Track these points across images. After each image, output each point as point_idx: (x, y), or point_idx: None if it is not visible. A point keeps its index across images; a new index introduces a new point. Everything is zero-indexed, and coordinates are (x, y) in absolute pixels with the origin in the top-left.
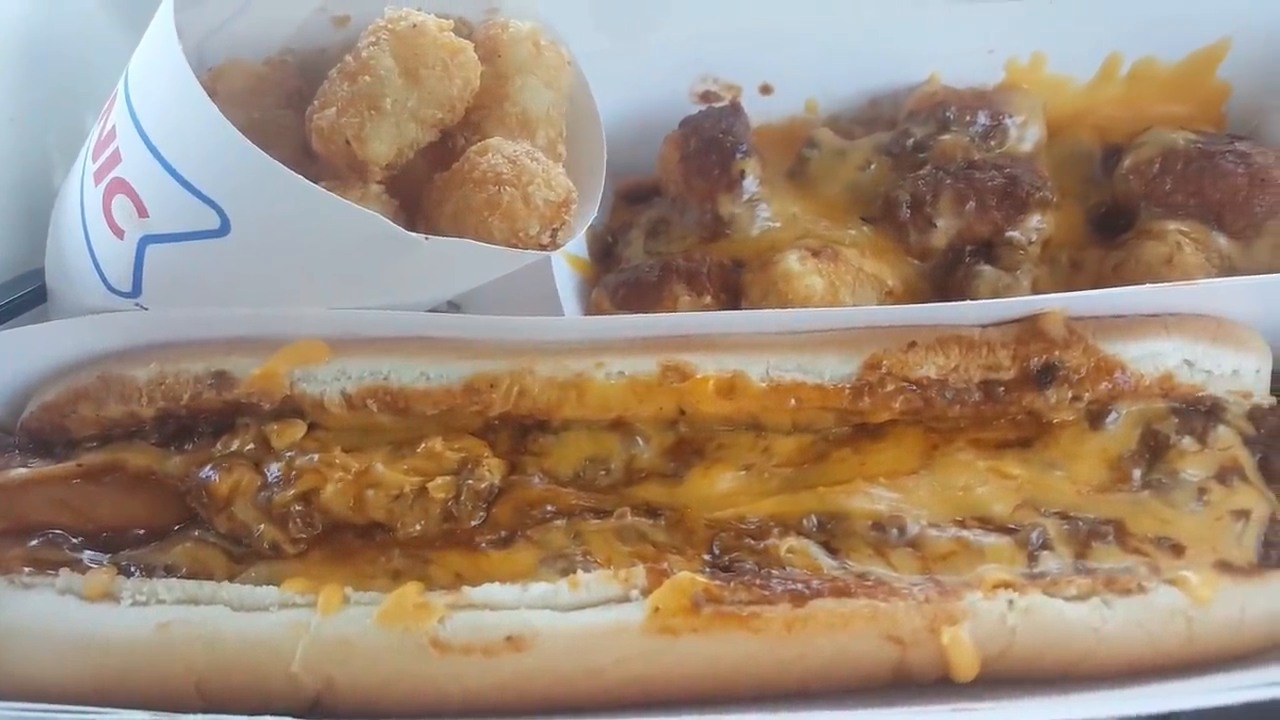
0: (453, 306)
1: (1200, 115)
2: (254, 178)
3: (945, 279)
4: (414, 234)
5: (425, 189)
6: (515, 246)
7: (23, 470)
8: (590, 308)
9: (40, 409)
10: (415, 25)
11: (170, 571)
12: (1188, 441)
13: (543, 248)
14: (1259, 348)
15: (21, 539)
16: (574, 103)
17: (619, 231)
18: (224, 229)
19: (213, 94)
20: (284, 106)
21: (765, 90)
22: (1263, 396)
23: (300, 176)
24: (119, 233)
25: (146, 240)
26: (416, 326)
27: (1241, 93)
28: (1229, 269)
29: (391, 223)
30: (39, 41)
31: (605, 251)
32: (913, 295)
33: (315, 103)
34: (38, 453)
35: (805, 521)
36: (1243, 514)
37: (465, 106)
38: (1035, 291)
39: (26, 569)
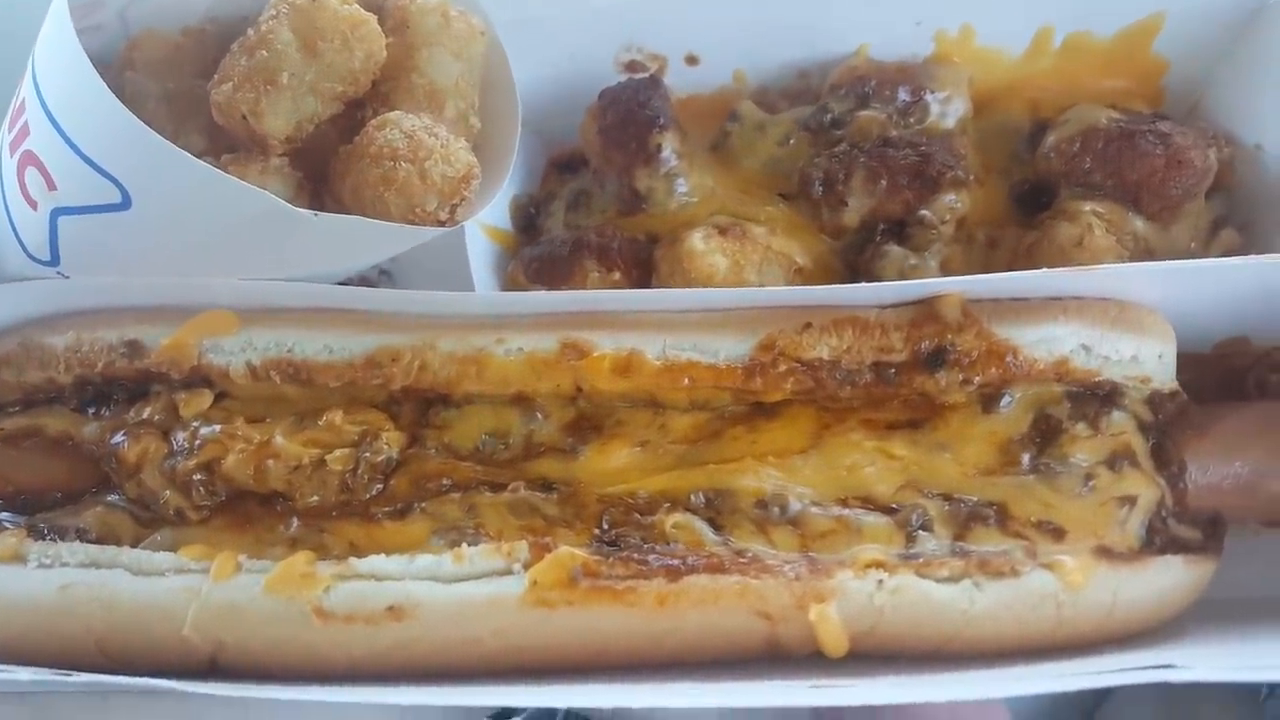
0: (384, 274)
1: (1137, 90)
2: (147, 155)
3: (857, 257)
4: (303, 211)
5: (331, 160)
6: (412, 222)
7: None
8: (506, 280)
9: None
10: None
11: (81, 535)
12: (1080, 426)
13: (441, 224)
14: (1161, 332)
15: None
16: (489, 73)
17: (542, 202)
18: (125, 203)
19: (129, 64)
20: (201, 76)
21: (691, 61)
22: (1163, 382)
23: (187, 154)
24: (33, 204)
25: (58, 212)
26: (328, 298)
27: (1179, 67)
28: (1145, 251)
29: (278, 199)
30: None
31: (528, 222)
32: (825, 273)
33: (215, 76)
34: None
35: (693, 498)
36: (1129, 500)
37: (370, 78)
38: (945, 271)
39: None
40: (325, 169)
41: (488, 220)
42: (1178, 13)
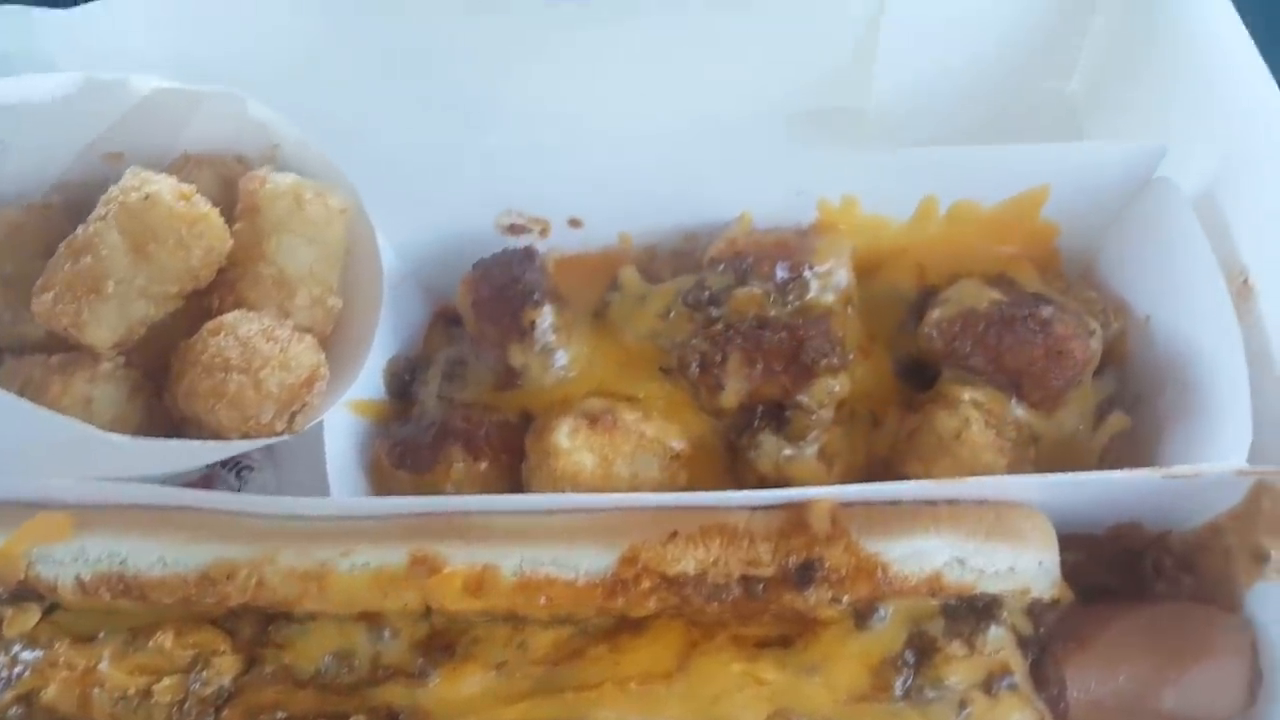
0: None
1: (1029, 253)
2: None
3: (738, 439)
4: (114, 437)
5: (172, 354)
6: (246, 435)
7: None
8: (371, 462)
9: None
10: (148, 196)
11: None
12: (956, 645)
13: (278, 434)
14: (1041, 537)
15: None
16: (354, 246)
17: (419, 367)
18: None
19: None
20: (44, 257)
21: (575, 223)
22: (1044, 589)
23: None
24: None
25: None
26: (171, 498)
27: (1070, 231)
28: (1029, 439)
29: (87, 426)
30: None
31: (402, 389)
32: (705, 455)
33: (40, 280)
34: None
35: None
36: None
37: (213, 271)
38: (824, 458)
39: None
40: (168, 362)
41: (355, 394)
42: (1064, 184)
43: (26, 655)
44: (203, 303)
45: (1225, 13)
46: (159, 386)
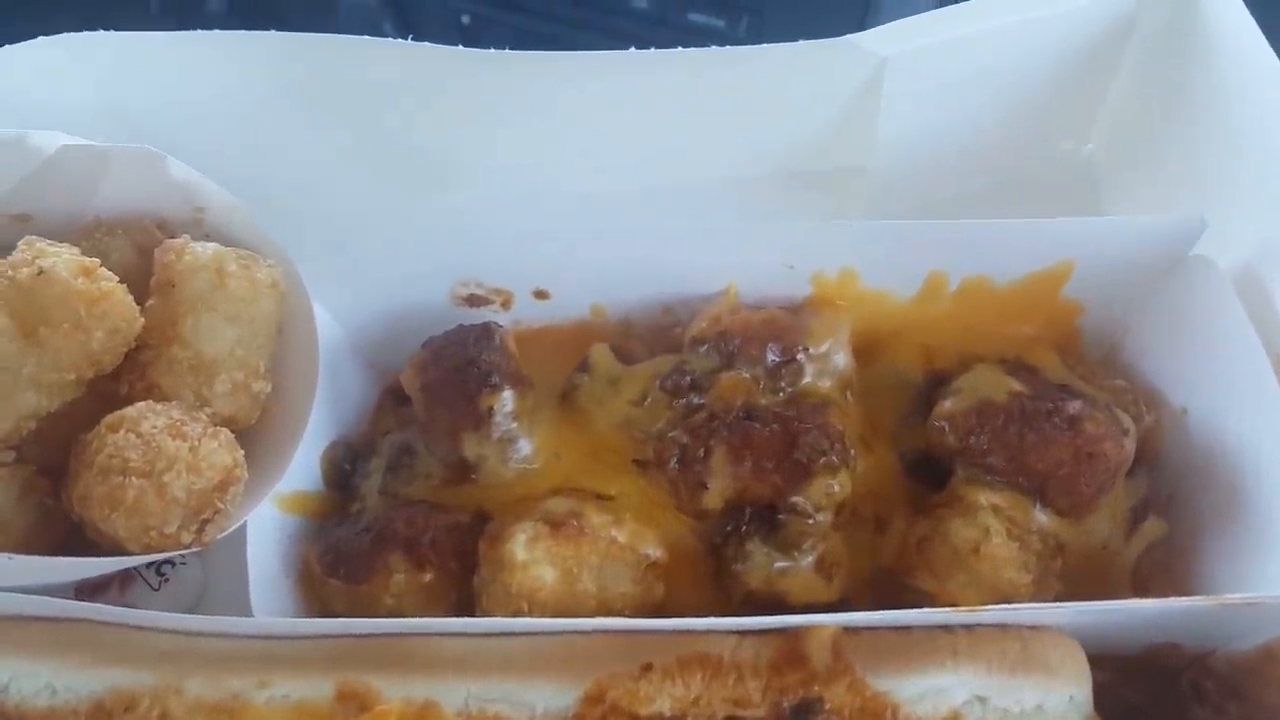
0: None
1: (1048, 335)
2: None
3: (723, 546)
4: None
5: (72, 448)
6: (148, 547)
7: None
8: (301, 567)
9: None
10: (43, 272)
11: None
12: None
13: (185, 547)
14: (1072, 669)
15: None
16: (290, 326)
17: (361, 456)
18: None
19: None
20: None
21: (540, 295)
22: None
23: None
24: None
25: None
26: (68, 611)
27: (1094, 311)
28: (1055, 550)
29: None
30: None
31: (342, 480)
32: (686, 564)
33: None
34: None
35: None
36: None
37: (118, 356)
38: (822, 569)
39: None
40: (67, 454)
41: (286, 486)
42: (1088, 260)
43: None
44: (110, 388)
45: (1263, 59)
46: (56, 485)
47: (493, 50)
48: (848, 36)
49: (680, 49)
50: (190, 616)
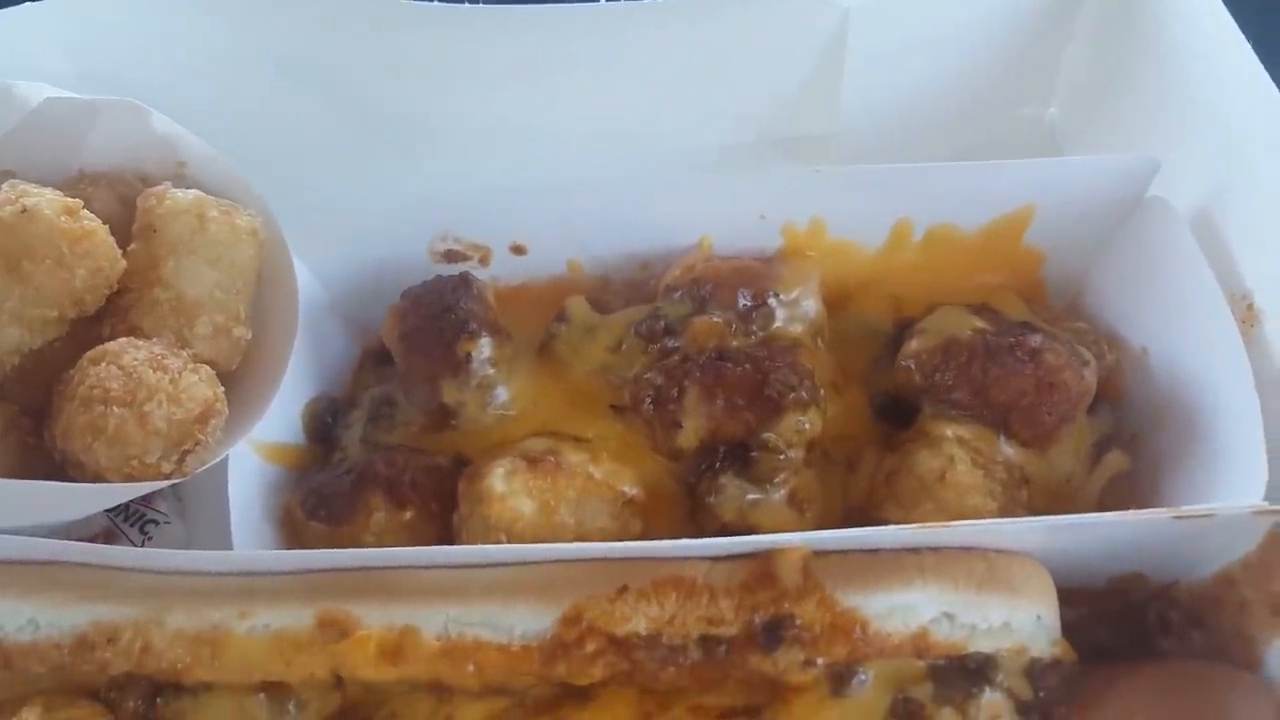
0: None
1: (1013, 283)
2: None
3: (697, 483)
4: None
5: (54, 387)
6: (130, 477)
7: None
8: (281, 513)
9: None
10: (25, 210)
11: None
12: (946, 713)
13: (165, 477)
14: (1038, 589)
15: None
16: (269, 273)
17: (341, 409)
18: None
19: None
20: None
21: (518, 250)
22: (1043, 648)
23: None
24: None
25: None
26: (51, 553)
27: (1057, 259)
28: (1020, 480)
29: None
30: None
31: (323, 433)
32: (662, 502)
33: None
34: None
35: None
36: None
37: (101, 296)
38: (794, 503)
39: None
40: (49, 394)
41: (268, 437)
42: (1049, 203)
43: None
44: (93, 332)
45: (1216, 16)
46: (37, 425)
47: (465, 5)
48: None
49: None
50: (173, 552)
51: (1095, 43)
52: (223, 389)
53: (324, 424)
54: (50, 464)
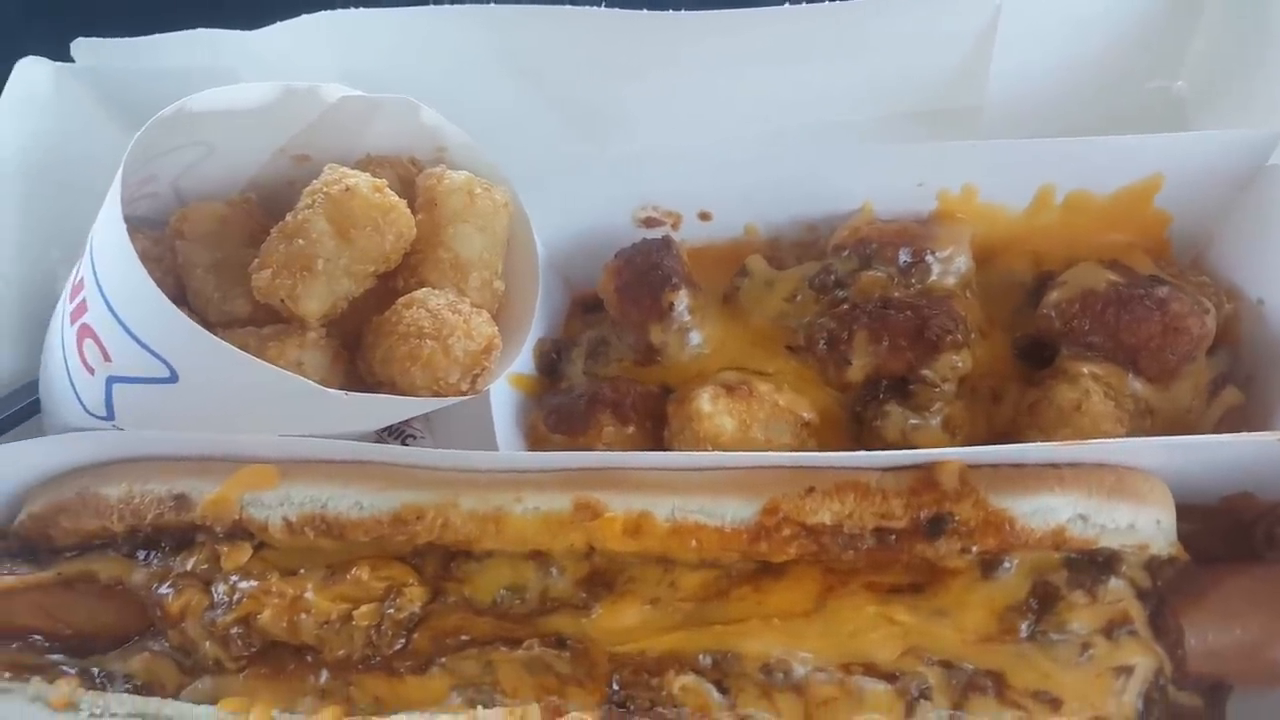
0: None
1: (1141, 242)
2: (192, 343)
3: (863, 410)
4: (333, 391)
5: (365, 327)
6: (437, 394)
7: (9, 578)
8: (528, 428)
9: (28, 518)
10: (348, 188)
11: (129, 680)
12: (1078, 595)
13: (463, 394)
14: (1159, 498)
15: (4, 642)
16: (514, 237)
17: (564, 348)
18: (173, 378)
19: (178, 235)
20: (247, 245)
21: (704, 216)
22: (1161, 547)
23: (226, 344)
24: (90, 370)
25: (113, 379)
26: (362, 453)
27: (1182, 221)
28: (1145, 412)
29: (310, 382)
30: (48, 151)
31: (550, 367)
32: (832, 426)
33: (257, 260)
34: (26, 557)
35: (701, 659)
36: (1126, 670)
37: (401, 255)
38: (947, 429)
39: (6, 674)
40: (360, 335)
41: (512, 369)
42: (1177, 172)
43: (243, 585)
44: (389, 284)
45: None
46: (352, 355)
47: (670, 12)
48: None
49: (807, 4)
50: (458, 452)
51: (1224, 19)
52: (497, 328)
53: (550, 360)
54: (364, 386)
